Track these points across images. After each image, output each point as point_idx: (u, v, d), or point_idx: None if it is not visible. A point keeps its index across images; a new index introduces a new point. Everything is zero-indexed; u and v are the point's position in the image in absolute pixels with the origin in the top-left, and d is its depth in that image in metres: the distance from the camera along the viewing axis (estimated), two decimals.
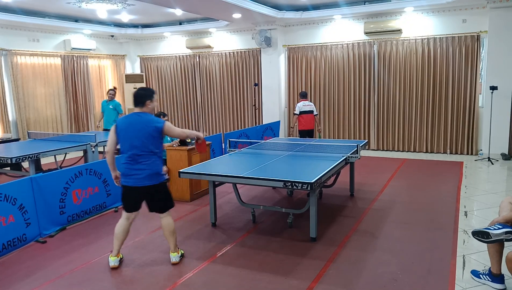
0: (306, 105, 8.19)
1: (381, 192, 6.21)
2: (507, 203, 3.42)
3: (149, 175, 3.73)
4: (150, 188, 3.78)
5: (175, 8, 8.52)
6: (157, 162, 3.79)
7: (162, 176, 3.87)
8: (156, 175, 3.77)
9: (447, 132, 9.07)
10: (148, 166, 3.72)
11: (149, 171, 3.72)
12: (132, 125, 3.73)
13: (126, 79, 12.27)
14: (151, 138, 3.71)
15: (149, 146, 3.71)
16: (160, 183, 3.82)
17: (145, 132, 3.69)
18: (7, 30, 9.59)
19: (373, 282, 3.52)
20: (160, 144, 3.82)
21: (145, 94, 3.80)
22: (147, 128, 3.69)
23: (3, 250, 4.23)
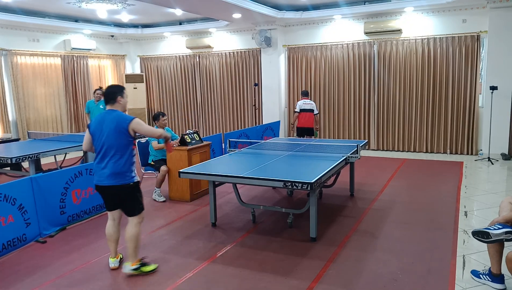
0: (307, 104, 8.41)
1: (381, 192, 6.21)
2: (507, 203, 3.42)
3: (112, 174, 3.59)
4: (113, 188, 3.64)
5: (175, 8, 8.52)
6: (123, 162, 3.61)
7: (129, 177, 3.66)
8: (120, 175, 3.61)
9: (447, 132, 9.07)
10: (113, 165, 3.58)
11: (112, 170, 3.58)
12: (102, 123, 3.62)
13: (126, 79, 12.27)
14: (118, 135, 3.57)
15: (116, 144, 3.58)
16: (124, 185, 3.63)
17: (112, 130, 3.57)
18: (7, 30, 9.59)
19: (373, 282, 3.52)
20: (128, 142, 3.65)
21: (115, 91, 3.71)
22: (114, 125, 3.57)
23: (3, 250, 4.23)
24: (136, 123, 3.62)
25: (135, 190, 3.75)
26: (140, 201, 3.79)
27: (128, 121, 3.59)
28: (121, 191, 3.67)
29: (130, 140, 3.66)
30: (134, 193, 3.74)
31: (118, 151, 3.60)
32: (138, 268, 3.71)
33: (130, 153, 3.68)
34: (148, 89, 12.78)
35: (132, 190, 3.71)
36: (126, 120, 3.60)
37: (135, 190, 3.74)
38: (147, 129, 3.74)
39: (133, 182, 3.70)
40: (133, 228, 3.72)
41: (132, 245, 3.71)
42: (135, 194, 3.74)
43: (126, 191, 3.68)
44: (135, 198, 3.74)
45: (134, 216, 3.74)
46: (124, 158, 3.62)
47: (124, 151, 3.63)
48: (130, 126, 3.58)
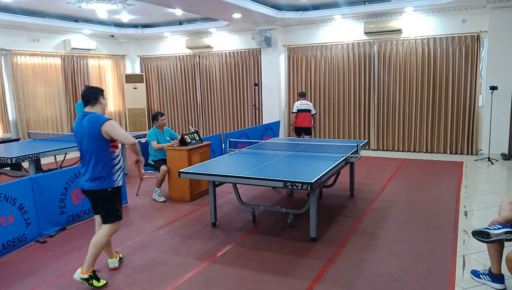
0: (303, 104, 8.78)
1: (381, 192, 6.21)
2: (507, 203, 3.42)
3: (91, 178, 3.46)
4: (92, 192, 3.51)
5: (175, 8, 8.52)
6: (101, 166, 3.45)
7: (108, 182, 3.49)
8: (98, 179, 3.46)
9: (447, 132, 9.07)
10: (91, 169, 3.46)
11: (91, 175, 3.46)
12: (81, 125, 3.50)
13: (126, 79, 12.28)
14: (92, 139, 3.42)
15: (91, 148, 3.44)
16: (102, 190, 3.48)
17: (86, 133, 3.43)
18: (7, 30, 9.59)
19: (373, 282, 3.52)
20: (104, 145, 3.45)
21: (96, 91, 3.57)
22: (88, 128, 3.43)
23: (3, 250, 4.23)
24: (109, 125, 3.40)
25: (113, 196, 3.56)
26: (117, 209, 3.59)
27: (100, 123, 3.40)
28: (98, 196, 3.52)
29: (105, 143, 3.45)
30: (111, 199, 3.55)
31: (94, 155, 3.44)
32: (88, 280, 3.49)
33: (108, 156, 3.49)
34: (148, 89, 12.78)
35: (109, 195, 3.53)
36: (99, 122, 3.40)
37: (113, 196, 3.55)
38: (119, 134, 3.43)
39: (111, 187, 3.52)
40: (101, 236, 3.54)
41: (92, 251, 3.51)
42: (112, 201, 3.55)
43: (103, 196, 3.52)
44: (111, 204, 3.55)
45: (108, 224, 3.56)
46: (101, 162, 3.46)
47: (101, 155, 3.45)
48: (102, 129, 3.39)
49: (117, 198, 3.61)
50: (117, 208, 3.59)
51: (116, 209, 3.59)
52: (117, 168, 3.58)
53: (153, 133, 6.28)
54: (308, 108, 8.73)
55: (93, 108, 3.54)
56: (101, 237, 3.54)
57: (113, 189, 3.54)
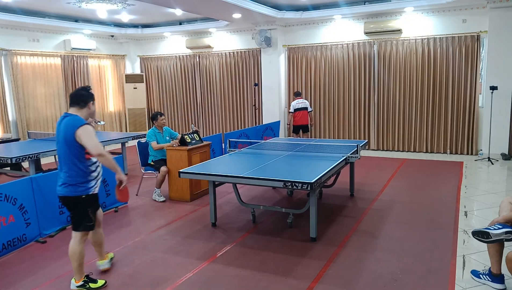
0: (300, 103, 9.08)
1: (381, 192, 6.21)
2: (507, 203, 3.42)
3: (64, 184, 3.32)
4: (65, 199, 3.38)
5: (175, 8, 8.52)
6: (76, 172, 3.29)
7: (83, 189, 3.33)
8: (72, 186, 3.31)
9: (447, 132, 9.07)
10: (66, 174, 3.31)
11: (65, 180, 3.32)
12: (59, 127, 3.34)
13: (126, 79, 12.28)
14: (67, 144, 3.25)
15: (67, 153, 3.28)
16: (76, 197, 3.33)
17: (62, 137, 3.28)
18: (7, 30, 9.59)
19: (373, 282, 3.52)
20: (78, 152, 3.27)
21: (90, 95, 3.40)
22: (63, 132, 3.27)
23: (3, 250, 4.23)
24: (81, 130, 3.21)
25: (86, 204, 3.39)
26: (89, 218, 3.42)
27: (76, 128, 3.21)
28: (70, 202, 3.39)
29: (79, 149, 3.27)
30: (84, 207, 3.38)
31: (69, 161, 3.28)
32: (84, 285, 3.44)
33: (82, 163, 3.31)
34: (148, 89, 12.79)
35: (82, 203, 3.36)
36: (74, 127, 3.22)
37: (86, 204, 3.38)
38: (86, 141, 3.21)
39: (85, 195, 3.35)
40: (76, 245, 3.40)
41: (76, 263, 3.41)
42: (85, 209, 3.39)
43: (75, 203, 3.37)
44: (84, 213, 3.39)
45: (78, 232, 3.41)
46: (76, 168, 3.29)
47: (75, 161, 3.28)
48: (76, 133, 3.21)
49: (92, 206, 3.44)
50: (90, 217, 3.42)
51: (89, 218, 3.41)
52: (94, 176, 3.41)
53: (152, 133, 6.28)
54: (305, 106, 9.06)
55: (80, 111, 3.36)
56: (75, 247, 3.40)
57: (87, 197, 3.37)
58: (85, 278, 3.48)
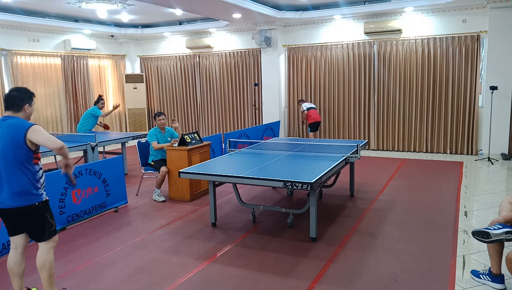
0: (309, 103, 9.64)
1: (381, 192, 6.21)
2: (507, 203, 3.42)
3: (12, 194, 3.01)
4: (16, 210, 3.04)
5: (175, 8, 8.52)
6: (25, 180, 3.02)
7: (34, 196, 3.07)
8: (22, 195, 3.01)
9: (447, 132, 9.07)
10: (13, 183, 3.00)
11: (12, 190, 3.00)
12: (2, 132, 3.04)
13: (126, 79, 12.28)
14: (15, 148, 2.98)
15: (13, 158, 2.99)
16: (29, 206, 3.05)
17: (8, 141, 2.99)
18: (7, 30, 9.59)
19: (373, 282, 3.52)
20: (28, 156, 3.02)
21: (22, 97, 3.11)
22: (10, 136, 2.99)
23: (3, 250, 4.23)
24: (32, 131, 2.98)
25: (43, 211, 3.13)
26: (50, 223, 3.17)
27: (25, 131, 2.97)
28: (26, 213, 3.07)
29: (29, 154, 3.03)
30: (42, 214, 3.13)
31: (16, 167, 3.00)
32: None
33: (32, 168, 3.07)
34: (148, 89, 12.79)
35: (38, 211, 3.10)
36: (23, 130, 2.97)
37: (42, 210, 3.13)
38: (44, 138, 2.99)
39: (39, 202, 3.09)
40: (44, 255, 3.15)
41: (46, 274, 3.15)
42: (43, 216, 3.13)
43: (31, 213, 3.08)
44: (43, 220, 3.13)
45: (44, 242, 3.16)
46: (25, 175, 3.03)
47: (25, 167, 3.02)
48: (27, 137, 2.97)
49: (48, 211, 3.19)
50: (51, 222, 3.18)
51: (50, 224, 3.17)
52: (42, 181, 3.15)
53: (153, 133, 6.28)
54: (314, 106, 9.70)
55: (16, 114, 3.09)
56: (45, 256, 3.15)
57: (41, 203, 3.11)
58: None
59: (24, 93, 3.15)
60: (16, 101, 3.09)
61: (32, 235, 3.18)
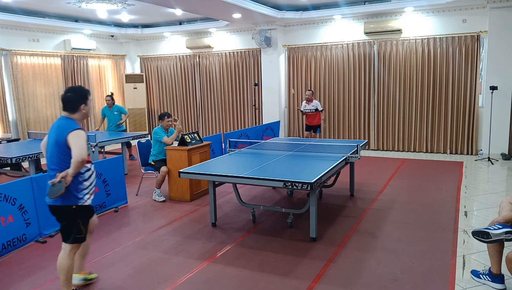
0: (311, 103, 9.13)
1: (381, 192, 6.21)
2: (507, 203, 3.42)
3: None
4: (55, 208, 3.15)
5: (175, 8, 8.52)
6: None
7: (73, 198, 3.10)
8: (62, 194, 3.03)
9: (447, 132, 9.07)
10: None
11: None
12: (51, 131, 3.14)
13: (126, 79, 12.28)
14: (58, 148, 3.05)
15: (57, 158, 3.06)
16: (66, 206, 3.10)
17: (53, 141, 3.07)
18: (7, 30, 9.59)
19: (373, 282, 3.52)
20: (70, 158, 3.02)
21: (77, 98, 3.16)
22: (55, 136, 3.06)
23: (3, 250, 4.23)
24: (71, 135, 3.01)
25: (77, 215, 3.16)
26: (80, 230, 3.17)
27: (67, 133, 3.02)
28: (60, 211, 3.15)
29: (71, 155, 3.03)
30: (75, 217, 3.15)
31: (60, 166, 3.05)
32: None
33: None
34: (148, 89, 12.78)
35: (72, 213, 3.14)
36: (65, 132, 3.03)
37: (76, 215, 3.15)
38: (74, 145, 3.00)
39: (76, 205, 3.12)
40: (65, 259, 3.17)
41: (63, 276, 3.18)
42: (75, 219, 3.16)
43: (65, 213, 3.14)
44: (74, 223, 3.16)
45: (67, 244, 3.19)
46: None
47: (67, 167, 3.03)
48: (67, 138, 3.02)
49: (83, 218, 3.21)
50: (80, 229, 3.18)
51: (79, 230, 3.18)
52: (86, 185, 3.17)
53: (161, 130, 6.25)
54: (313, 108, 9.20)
55: (72, 115, 3.17)
56: (65, 261, 3.17)
57: (78, 207, 3.14)
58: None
59: (78, 94, 3.19)
60: (71, 103, 3.16)
61: (61, 231, 3.25)
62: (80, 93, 3.20)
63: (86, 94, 3.23)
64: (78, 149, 2.99)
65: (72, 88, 3.24)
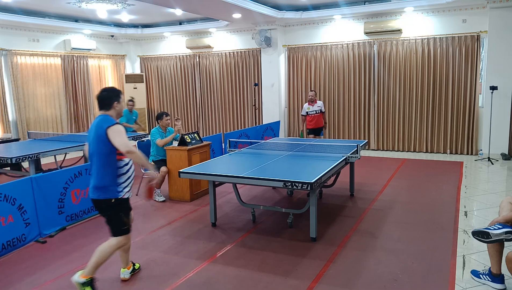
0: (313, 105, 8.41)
1: (381, 192, 6.21)
2: (507, 203, 3.42)
3: (95, 187, 3.26)
4: (96, 202, 3.30)
5: (175, 8, 8.52)
6: (106, 174, 3.22)
7: (112, 192, 3.24)
8: (102, 188, 3.23)
9: (447, 132, 9.07)
10: (96, 176, 3.25)
11: (95, 183, 3.26)
12: (91, 128, 3.32)
13: (126, 79, 12.28)
14: (98, 143, 3.21)
15: (97, 153, 3.23)
16: (105, 200, 3.25)
17: (94, 136, 3.23)
18: (7, 30, 9.59)
19: (373, 282, 3.51)
20: (110, 151, 3.20)
21: (111, 96, 3.33)
22: (95, 131, 3.23)
23: (2, 250, 4.23)
24: (111, 130, 3.16)
25: (118, 208, 3.30)
26: (122, 222, 3.32)
27: (106, 126, 3.17)
28: (102, 205, 3.29)
29: (111, 149, 3.20)
30: (115, 211, 3.29)
31: (100, 161, 3.22)
32: (83, 285, 3.25)
33: (113, 164, 3.24)
34: (148, 89, 12.78)
35: (113, 207, 3.28)
36: (105, 125, 3.19)
37: (117, 208, 3.29)
38: (116, 141, 3.15)
39: (115, 198, 3.26)
40: (107, 246, 3.32)
41: (95, 259, 3.29)
42: (116, 213, 3.30)
43: (106, 207, 3.28)
44: (115, 217, 3.31)
45: (114, 237, 3.34)
46: (106, 170, 3.23)
47: (106, 161, 3.21)
48: (107, 132, 3.16)
49: (123, 210, 3.35)
50: (123, 221, 3.33)
51: (122, 223, 3.32)
52: (125, 178, 3.32)
53: (156, 131, 6.28)
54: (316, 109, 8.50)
55: (107, 112, 3.34)
56: (106, 248, 3.32)
57: (117, 201, 3.27)
58: (89, 279, 3.28)
59: (111, 92, 3.39)
60: (106, 100, 3.34)
61: (107, 225, 3.37)
62: (113, 91, 3.41)
63: (119, 93, 3.42)
64: (120, 143, 3.15)
65: (106, 88, 3.46)
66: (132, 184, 3.45)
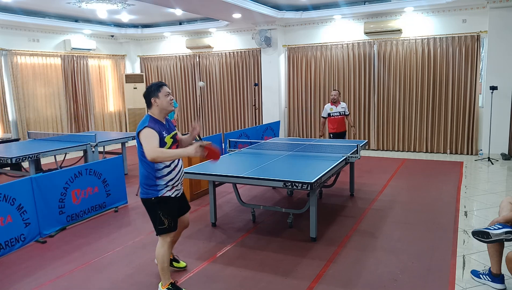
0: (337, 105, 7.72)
1: (381, 192, 6.21)
2: (507, 203, 3.42)
3: (140, 186, 3.33)
4: (142, 201, 3.34)
5: (175, 8, 8.52)
6: (145, 173, 3.24)
7: (152, 191, 3.24)
8: (143, 187, 3.28)
9: (447, 132, 9.07)
10: (140, 175, 3.31)
11: (139, 182, 3.34)
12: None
13: (126, 79, 12.27)
14: (138, 144, 3.22)
15: (138, 153, 3.24)
16: (145, 199, 3.28)
17: (137, 136, 3.23)
18: (7, 30, 9.59)
19: (373, 282, 3.51)
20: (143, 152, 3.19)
21: (147, 93, 3.27)
22: (137, 131, 3.22)
23: (1, 250, 4.23)
24: (141, 135, 3.15)
25: (157, 207, 3.26)
26: (162, 221, 3.27)
27: (138, 130, 3.19)
28: (145, 204, 3.33)
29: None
30: (156, 210, 3.27)
31: (141, 161, 3.24)
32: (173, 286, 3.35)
33: (151, 164, 3.20)
34: None
35: (153, 205, 3.27)
36: (139, 128, 3.20)
37: (157, 206, 3.26)
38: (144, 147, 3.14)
39: (155, 197, 3.24)
40: (158, 248, 3.35)
41: (159, 266, 3.36)
42: (156, 212, 3.27)
43: (147, 206, 3.32)
44: (155, 216, 3.28)
45: (161, 236, 3.34)
46: (145, 169, 3.23)
47: (144, 161, 3.22)
48: (139, 137, 3.18)
49: (163, 209, 3.27)
50: (162, 220, 3.27)
51: (161, 221, 3.27)
52: (166, 180, 3.25)
53: None
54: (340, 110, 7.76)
55: (149, 110, 3.30)
56: (158, 251, 3.34)
57: (157, 199, 3.24)
58: (170, 286, 3.35)
59: (147, 89, 3.29)
60: (145, 99, 3.29)
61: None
62: (150, 87, 3.29)
63: (156, 87, 3.26)
64: (145, 150, 3.12)
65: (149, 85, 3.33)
66: (179, 183, 3.38)
